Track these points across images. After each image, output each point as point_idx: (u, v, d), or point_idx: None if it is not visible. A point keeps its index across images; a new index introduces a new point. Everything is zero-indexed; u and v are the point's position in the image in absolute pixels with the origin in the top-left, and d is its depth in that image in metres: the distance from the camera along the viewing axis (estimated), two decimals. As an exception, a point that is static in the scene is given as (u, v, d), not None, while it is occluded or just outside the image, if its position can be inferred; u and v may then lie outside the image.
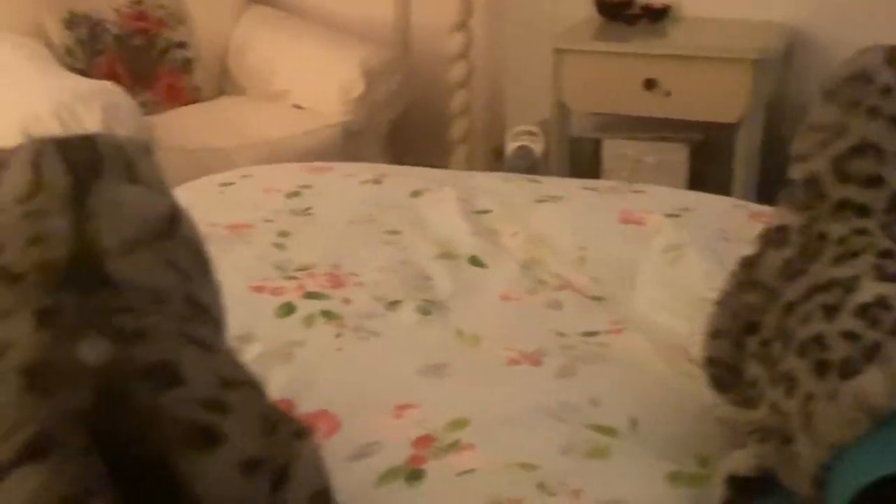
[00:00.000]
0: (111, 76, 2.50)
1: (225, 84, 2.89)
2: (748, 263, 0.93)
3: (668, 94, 2.24)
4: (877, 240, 0.84)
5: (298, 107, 2.67)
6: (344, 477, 0.79)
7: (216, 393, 0.68)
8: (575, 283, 1.25)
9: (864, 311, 0.76)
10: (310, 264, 1.31)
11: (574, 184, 1.61)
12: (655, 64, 2.25)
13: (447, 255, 1.35)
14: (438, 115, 2.82)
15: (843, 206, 0.86)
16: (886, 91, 0.89)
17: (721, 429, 0.93)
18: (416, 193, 1.57)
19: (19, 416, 0.61)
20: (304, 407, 0.97)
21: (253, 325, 1.13)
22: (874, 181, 0.87)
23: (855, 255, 0.83)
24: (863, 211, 0.86)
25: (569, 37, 2.38)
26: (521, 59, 2.71)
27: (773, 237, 0.91)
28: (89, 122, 2.14)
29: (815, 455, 0.74)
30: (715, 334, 0.93)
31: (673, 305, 1.17)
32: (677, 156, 2.35)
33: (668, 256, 1.27)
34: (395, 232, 1.42)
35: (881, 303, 0.77)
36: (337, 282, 1.27)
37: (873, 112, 0.88)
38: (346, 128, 2.61)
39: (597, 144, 2.46)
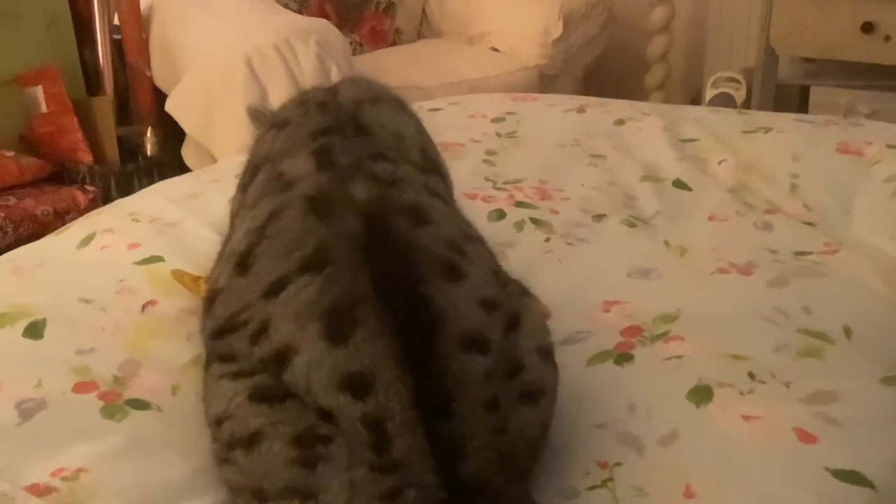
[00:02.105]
0: (321, 16, 2.65)
1: (424, 27, 2.99)
2: None
3: (887, 38, 2.12)
4: None
5: (496, 50, 2.73)
6: (556, 358, 0.84)
7: (458, 239, 0.76)
8: (786, 209, 1.24)
9: None
10: (518, 179, 1.37)
11: (786, 117, 1.57)
12: (876, 6, 2.13)
13: (652, 177, 1.37)
14: (635, 61, 2.79)
15: None
16: None
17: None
18: (619, 122, 1.59)
19: (302, 234, 0.72)
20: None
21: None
22: None
23: None
24: None
25: (781, -22, 2.29)
26: (726, 2, 2.63)
27: None
28: (305, 57, 2.28)
29: None
30: None
31: (894, 233, 1.13)
32: (894, 106, 2.22)
33: (891, 186, 1.23)
34: (599, 156, 1.46)
35: None
36: (544, 195, 1.32)
37: None
38: (543, 71, 2.64)
39: (804, 91, 2.36)
